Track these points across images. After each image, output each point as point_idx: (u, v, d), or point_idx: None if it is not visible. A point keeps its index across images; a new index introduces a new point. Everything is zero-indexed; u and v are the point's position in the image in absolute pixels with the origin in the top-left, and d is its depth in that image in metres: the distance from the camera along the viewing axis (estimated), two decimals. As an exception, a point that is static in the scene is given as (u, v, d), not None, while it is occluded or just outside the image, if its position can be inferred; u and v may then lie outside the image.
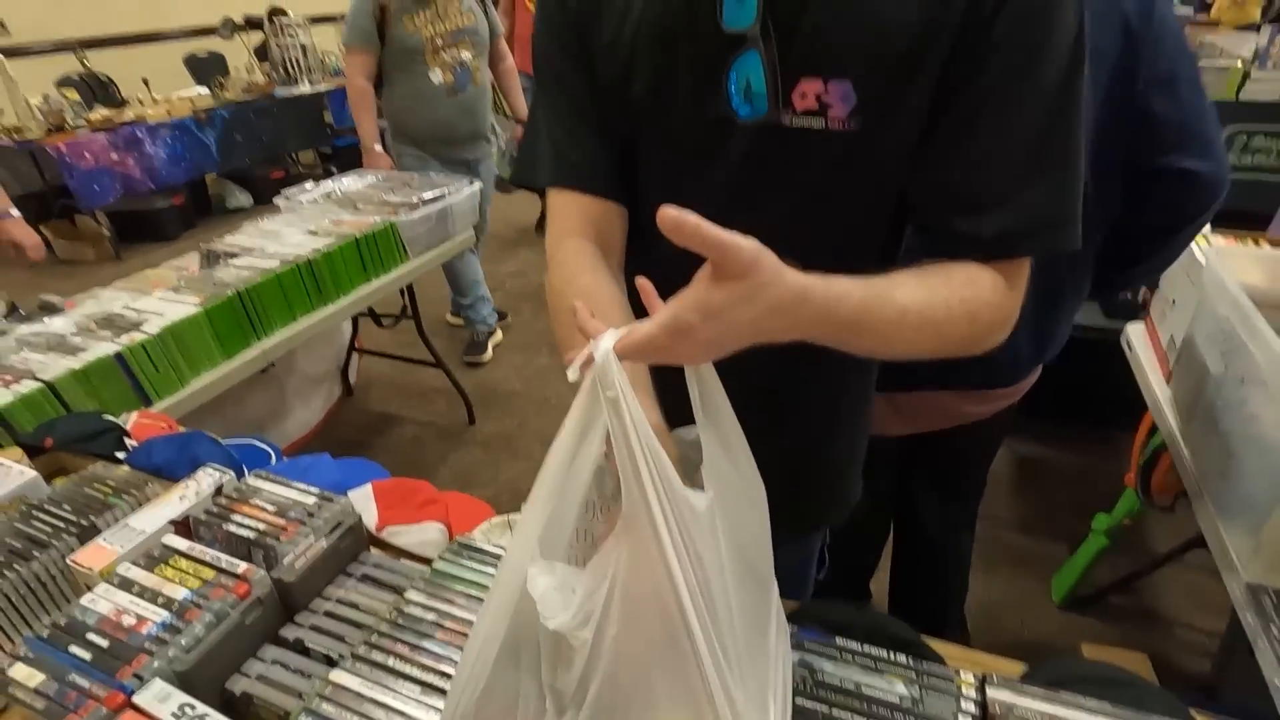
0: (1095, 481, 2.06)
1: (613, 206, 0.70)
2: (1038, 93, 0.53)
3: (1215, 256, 1.16)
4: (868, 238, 0.65)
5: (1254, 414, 0.94)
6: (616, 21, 0.63)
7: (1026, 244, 0.58)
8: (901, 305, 0.52)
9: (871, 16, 0.54)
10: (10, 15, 4.66)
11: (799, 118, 0.58)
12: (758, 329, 0.45)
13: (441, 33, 2.40)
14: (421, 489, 0.98)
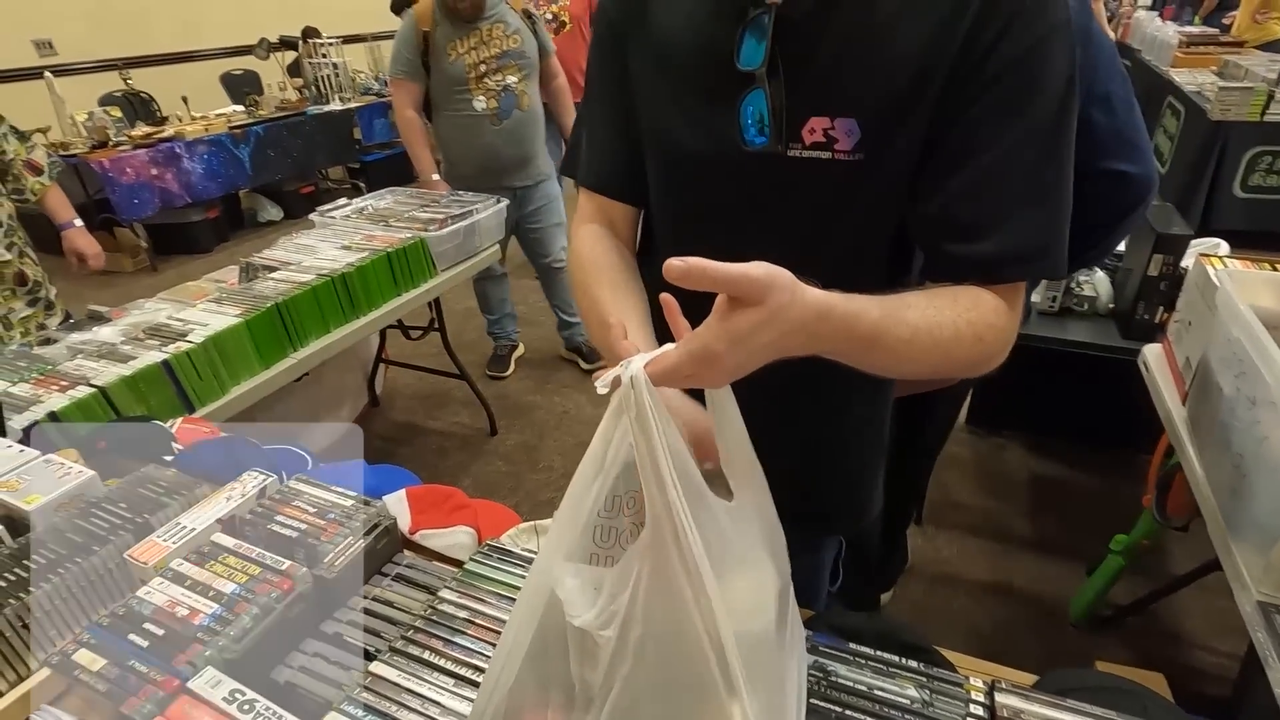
0: (1114, 502, 2.05)
1: (630, 209, 0.79)
2: (1029, 127, 0.57)
3: (1229, 279, 1.18)
4: (871, 261, 0.69)
5: (1264, 435, 0.96)
6: (652, 47, 0.69)
7: (1016, 270, 0.61)
8: (913, 325, 0.55)
9: (876, 60, 0.58)
10: (57, 36, 4.88)
11: (807, 150, 0.62)
12: (780, 347, 0.48)
13: (485, 58, 2.36)
14: (452, 495, 1.03)
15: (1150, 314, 1.63)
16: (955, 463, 2.36)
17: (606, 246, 0.77)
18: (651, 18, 0.69)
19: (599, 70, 0.77)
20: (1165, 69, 4.89)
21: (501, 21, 2.36)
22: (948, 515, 2.15)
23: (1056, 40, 0.56)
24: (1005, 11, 0.55)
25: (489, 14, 2.34)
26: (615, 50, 0.73)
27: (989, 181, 0.59)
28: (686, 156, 0.69)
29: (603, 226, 0.79)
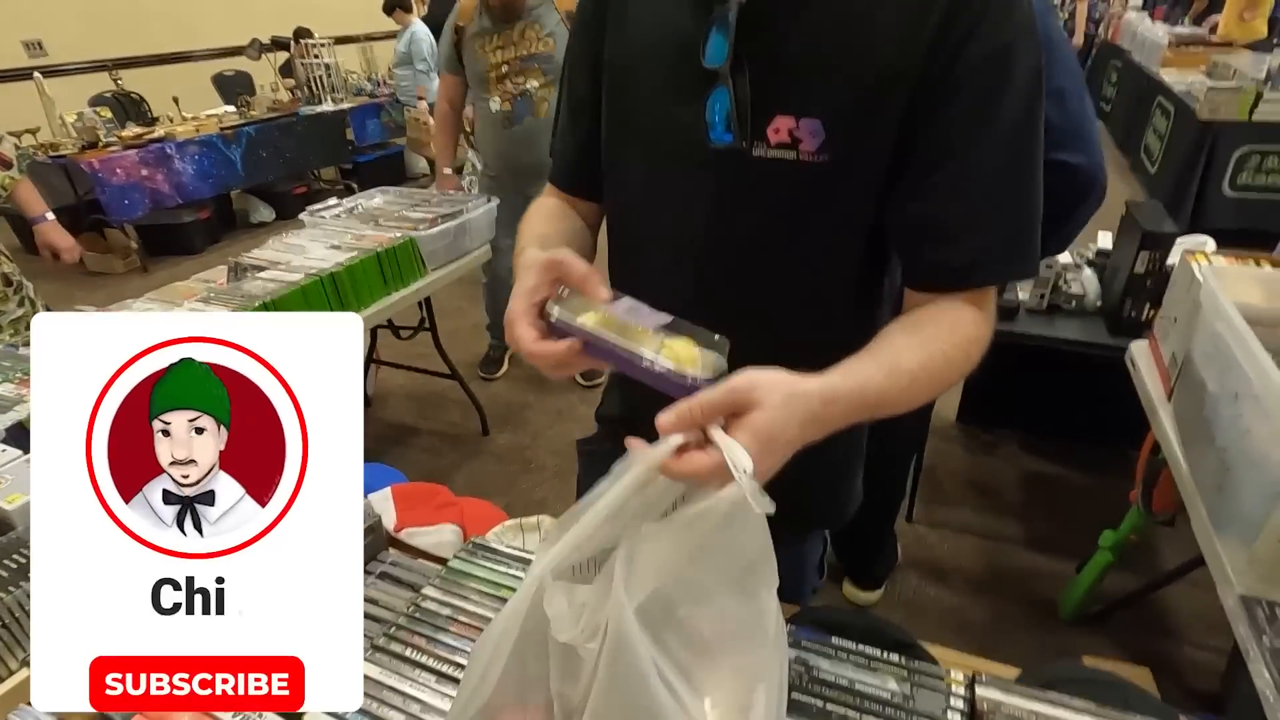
0: (1104, 498, 2.06)
1: (593, 206, 0.81)
2: (999, 130, 0.58)
3: (1212, 275, 1.19)
4: (843, 266, 0.68)
5: (1247, 429, 0.96)
6: (624, 41, 0.69)
7: (990, 273, 0.63)
8: (911, 372, 0.57)
9: (842, 60, 0.59)
10: (48, 36, 4.85)
11: (773, 150, 0.62)
12: (801, 439, 0.50)
13: (509, 59, 2.29)
14: (438, 493, 1.03)
15: (1137, 311, 1.64)
16: (946, 460, 2.37)
17: (554, 204, 0.80)
18: (626, 16, 0.69)
19: (569, 70, 0.78)
20: (1155, 69, 4.92)
21: (537, 23, 2.27)
22: (938, 512, 2.16)
23: (1023, 42, 0.56)
24: (972, 15, 0.55)
25: (527, 14, 2.27)
26: (586, 50, 0.73)
27: (961, 185, 0.59)
28: (658, 153, 0.69)
29: (562, 204, 0.81)
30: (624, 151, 0.72)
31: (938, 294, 0.63)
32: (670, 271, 0.72)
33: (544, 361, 0.54)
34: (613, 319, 0.54)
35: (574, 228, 0.77)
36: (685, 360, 0.51)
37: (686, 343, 0.53)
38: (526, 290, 0.55)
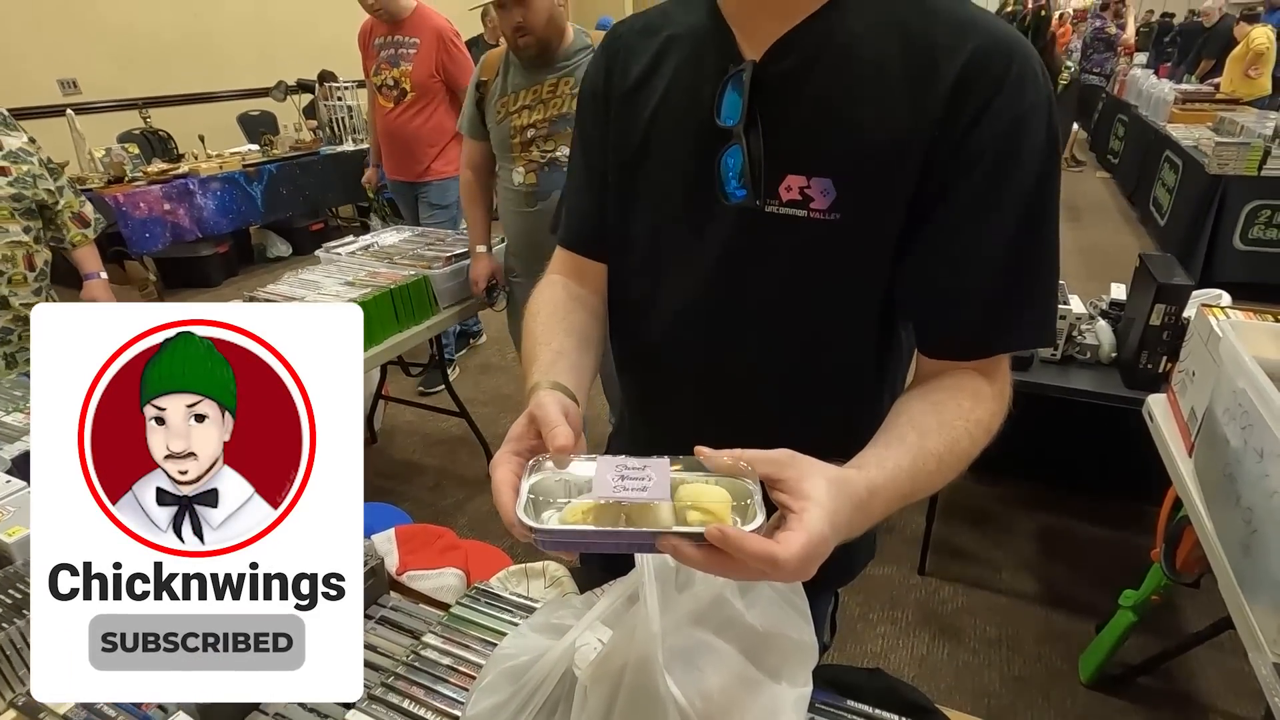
0: (1123, 554, 2.01)
1: (601, 266, 0.78)
2: (1012, 200, 0.58)
3: (1231, 330, 1.17)
4: (856, 328, 0.67)
5: (1275, 489, 0.94)
6: (637, 103, 0.70)
7: (1003, 343, 0.62)
8: (938, 454, 0.56)
9: (852, 123, 0.59)
10: (83, 75, 5.02)
11: (784, 207, 0.62)
12: (850, 531, 0.48)
13: (537, 120, 1.85)
14: (443, 535, 1.01)
15: (1154, 364, 1.62)
16: (959, 511, 2.32)
17: (560, 290, 0.77)
18: (640, 80, 0.69)
19: (580, 133, 0.78)
20: (1162, 124, 4.98)
21: (572, 76, 1.83)
22: (951, 566, 2.10)
23: (1035, 118, 0.57)
24: (983, 92, 0.56)
25: (563, 63, 1.83)
26: (597, 115, 0.74)
27: (973, 256, 0.60)
28: (670, 209, 0.69)
29: (567, 278, 0.79)
30: (635, 208, 0.72)
31: (952, 361, 0.63)
32: (679, 329, 0.71)
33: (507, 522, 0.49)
34: (605, 506, 0.46)
35: (588, 322, 0.74)
36: (716, 509, 0.45)
37: (699, 487, 0.47)
38: (513, 438, 0.55)
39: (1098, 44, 6.89)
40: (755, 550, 0.42)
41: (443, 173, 2.90)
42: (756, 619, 0.60)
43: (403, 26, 2.70)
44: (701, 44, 0.66)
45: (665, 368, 0.75)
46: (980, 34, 0.57)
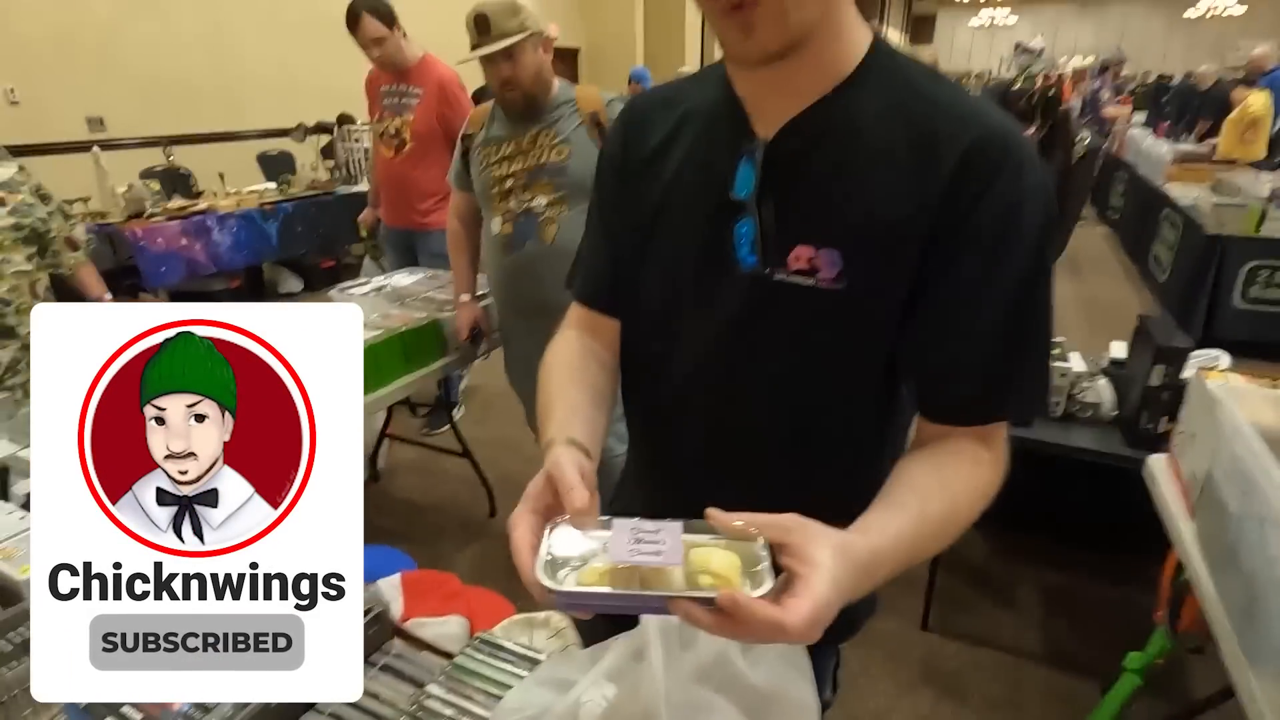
0: (1128, 613, 1.99)
1: (614, 322, 0.81)
2: (1008, 281, 0.61)
3: (1229, 396, 1.19)
4: (860, 392, 0.70)
5: (1275, 555, 0.94)
6: (654, 173, 0.74)
7: (999, 411, 0.65)
8: (939, 519, 0.59)
9: (856, 199, 0.62)
10: (109, 113, 5.18)
11: (793, 276, 0.65)
12: (853, 593, 0.50)
13: (516, 171, 1.85)
14: (447, 582, 1.02)
15: (1154, 424, 1.63)
16: (962, 566, 2.30)
17: (575, 345, 0.80)
18: (657, 151, 0.73)
19: (598, 198, 0.82)
20: (1160, 183, 5.08)
21: (552, 128, 1.83)
22: (955, 621, 2.08)
23: (1030, 203, 0.60)
24: (982, 176, 0.59)
25: (548, 116, 1.84)
26: (614, 183, 0.78)
27: (972, 330, 0.63)
28: (685, 275, 0.72)
29: (582, 332, 0.82)
30: (649, 271, 0.75)
31: (950, 427, 0.66)
32: (689, 388, 0.74)
33: (526, 582, 0.51)
34: (620, 569, 0.48)
35: (601, 378, 0.77)
36: (727, 573, 0.47)
37: (710, 551, 0.48)
38: (530, 496, 0.57)
39: (1097, 103, 7.08)
40: (764, 617, 0.44)
41: (444, 223, 2.87)
42: (759, 678, 0.61)
43: (408, 76, 2.76)
44: (717, 120, 0.70)
45: (674, 425, 0.78)
46: (979, 125, 0.61)
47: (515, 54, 1.71)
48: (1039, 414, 0.67)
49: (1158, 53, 19.03)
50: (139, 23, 5.18)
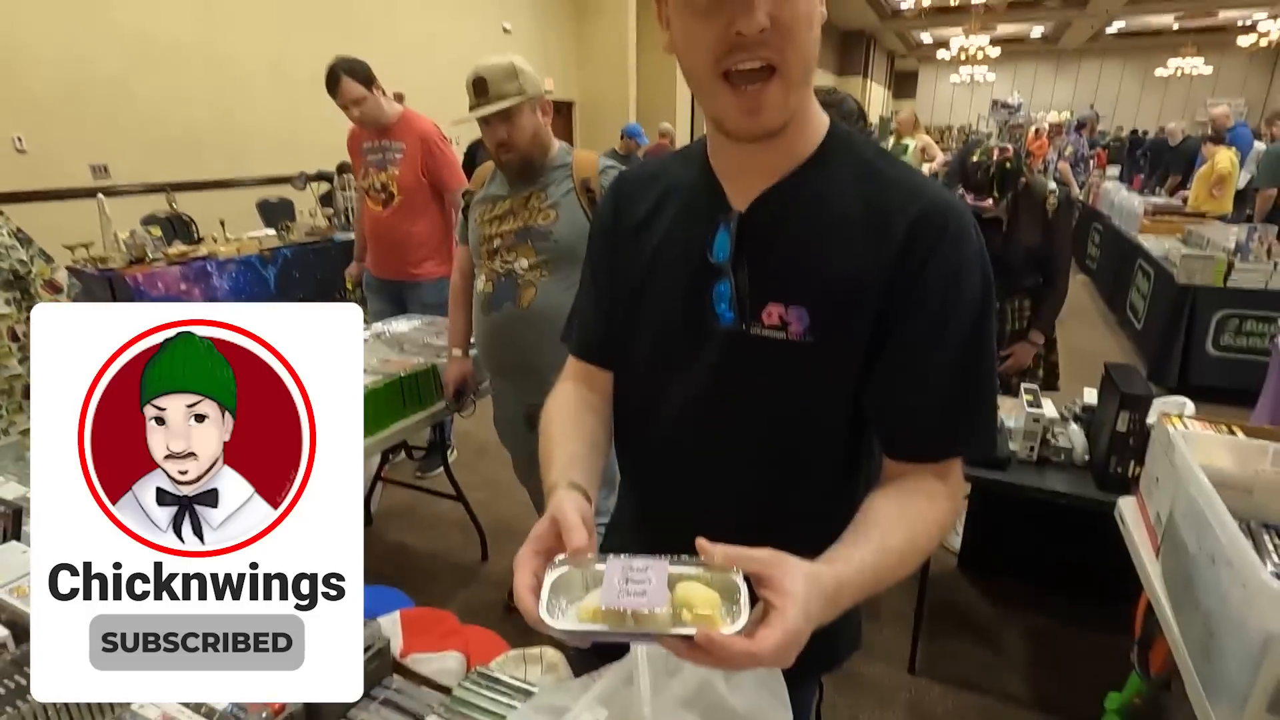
0: (1108, 654, 2.02)
1: (608, 374, 0.89)
2: (953, 335, 0.70)
3: (1183, 441, 1.27)
4: (830, 435, 0.77)
5: (1225, 593, 1.00)
6: (642, 240, 0.82)
7: (953, 449, 0.74)
8: (899, 550, 0.66)
9: (823, 263, 0.71)
10: (114, 161, 5.32)
11: (766, 330, 0.73)
12: (820, 620, 0.56)
13: (504, 231, 1.85)
14: (445, 619, 1.06)
15: (1123, 468, 1.70)
16: (948, 611, 2.33)
17: (573, 397, 0.87)
18: (643, 221, 0.83)
19: (591, 260, 0.91)
20: (1133, 234, 5.27)
21: (544, 190, 1.83)
22: (941, 666, 2.10)
23: (971, 266, 0.70)
24: (927, 245, 0.69)
25: (543, 179, 1.84)
26: (606, 248, 0.87)
27: (924, 379, 0.71)
28: (669, 332, 0.80)
29: (578, 383, 0.89)
30: (639, 328, 0.83)
31: (910, 463, 0.73)
32: (675, 434, 0.81)
33: (529, 619, 0.55)
34: (614, 611, 0.52)
35: (597, 427, 0.84)
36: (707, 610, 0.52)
37: (693, 587, 0.53)
38: (535, 538, 0.62)
39: (1077, 160, 7.39)
40: (737, 650, 0.50)
41: (436, 273, 2.96)
42: (738, 703, 0.66)
43: (389, 132, 2.84)
44: (697, 195, 0.79)
45: (662, 468, 0.85)
46: (924, 199, 0.70)
47: (512, 116, 1.75)
48: (989, 451, 0.76)
49: (1130, 109, 19.82)
50: (148, 77, 5.36)
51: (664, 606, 0.52)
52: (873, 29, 17.35)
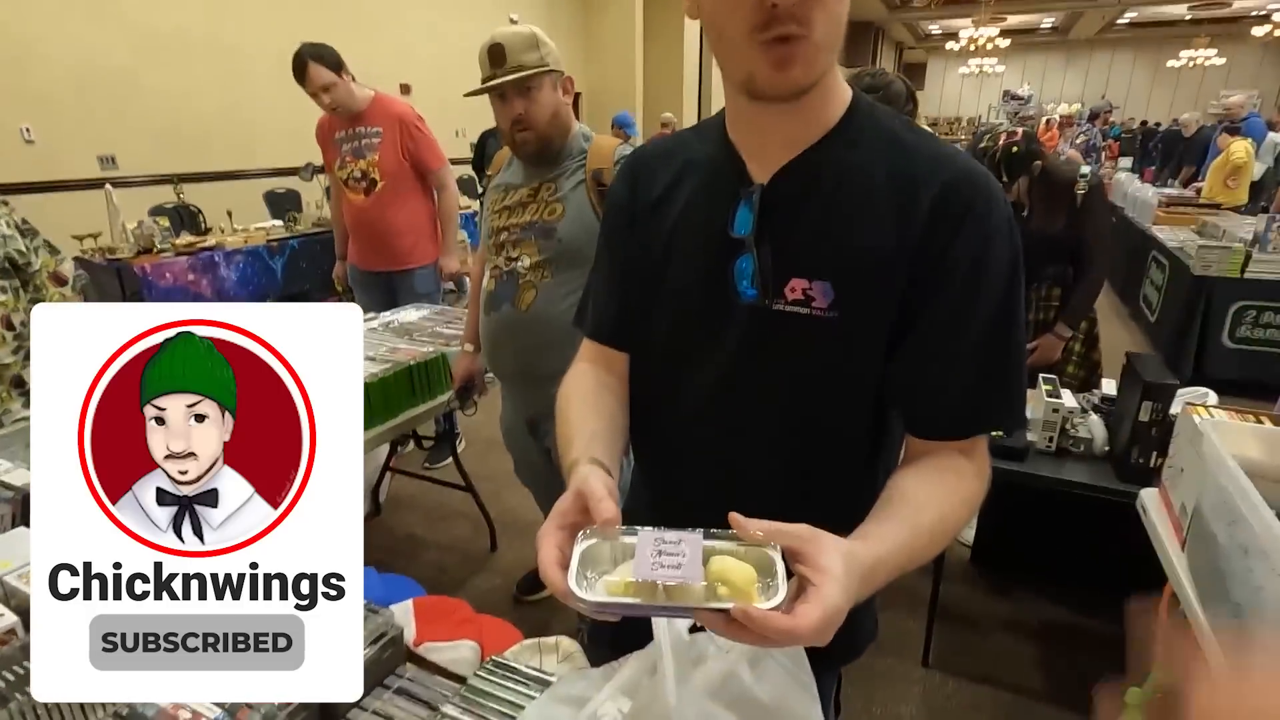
0: (1126, 647, 1.99)
1: (624, 355, 0.87)
2: (982, 310, 0.68)
3: (1213, 430, 1.23)
4: (854, 412, 0.75)
5: (1259, 585, 0.98)
6: (660, 216, 0.80)
7: (979, 426, 0.72)
8: (930, 529, 0.65)
9: (845, 238, 0.69)
10: (122, 152, 5.32)
11: (790, 305, 0.71)
12: (857, 598, 0.54)
13: (511, 224, 1.70)
14: (459, 608, 1.04)
15: (1145, 459, 1.67)
16: (963, 603, 2.31)
17: (590, 378, 0.85)
18: (661, 197, 0.80)
19: (606, 241, 0.89)
20: (1147, 226, 5.21)
21: (554, 182, 1.67)
22: (955, 660, 2.08)
23: (1000, 236, 0.68)
24: (956, 213, 0.67)
25: (559, 167, 1.67)
26: (620, 227, 0.84)
27: (951, 354, 0.69)
28: (690, 309, 0.78)
29: (594, 364, 0.87)
30: (658, 307, 0.81)
31: (935, 441, 0.71)
32: (697, 414, 0.79)
33: (556, 592, 0.54)
34: (646, 583, 0.50)
35: (616, 407, 0.83)
36: (743, 585, 0.50)
37: (728, 561, 0.52)
38: (559, 512, 0.60)
39: (1089, 150, 7.31)
40: (776, 626, 0.48)
41: (426, 259, 2.90)
42: (764, 693, 0.64)
43: (363, 119, 2.73)
44: (716, 168, 0.76)
45: (683, 449, 0.82)
46: (951, 168, 0.68)
47: (531, 90, 1.55)
48: (1019, 427, 0.73)
49: (1141, 100, 19.62)
50: (155, 69, 5.35)
51: (699, 580, 0.50)
52: (881, 20, 17.21)
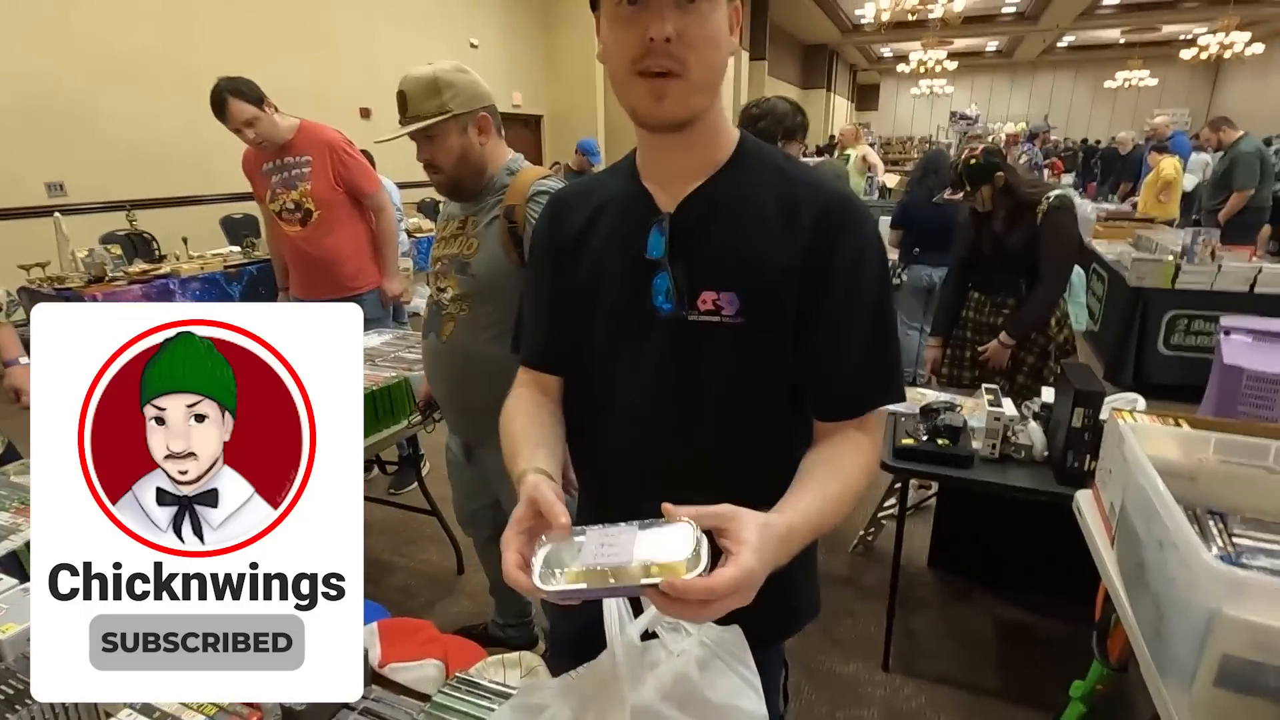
0: (1077, 645, 2.08)
1: (557, 379, 0.96)
2: (862, 306, 0.82)
3: (1132, 433, 1.33)
4: (770, 406, 0.87)
5: (1173, 575, 1.05)
6: (583, 249, 0.90)
7: (870, 403, 0.85)
8: (838, 496, 0.77)
9: (745, 255, 0.81)
10: (71, 178, 5.20)
11: (703, 315, 0.82)
12: (775, 562, 0.63)
13: (443, 255, 1.69)
14: (423, 629, 1.06)
15: (1079, 462, 1.77)
16: (920, 607, 2.38)
17: (527, 400, 0.94)
18: (582, 231, 0.91)
19: (533, 275, 0.98)
20: (1088, 240, 5.45)
21: (476, 216, 1.66)
22: (915, 663, 2.15)
23: (869, 245, 0.83)
24: (831, 232, 0.81)
25: (481, 202, 1.65)
26: (546, 264, 0.94)
27: (841, 345, 0.83)
28: (616, 325, 0.88)
29: (531, 388, 0.96)
30: (590, 328, 0.90)
31: (836, 422, 0.84)
32: (629, 418, 0.88)
33: (522, 589, 0.60)
34: (594, 570, 0.57)
35: (553, 424, 0.91)
36: (674, 566, 0.57)
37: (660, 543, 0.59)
38: (516, 519, 0.66)
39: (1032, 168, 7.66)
40: (696, 588, 0.56)
41: (369, 284, 2.85)
42: (714, 693, 0.68)
43: (290, 148, 2.65)
44: (629, 202, 0.88)
45: (619, 451, 0.91)
46: (825, 194, 0.82)
47: (434, 136, 1.56)
48: (899, 399, 0.86)
49: (1083, 119, 20.54)
50: (112, 92, 5.26)
51: (635, 562, 0.57)
52: (835, 43, 17.75)
